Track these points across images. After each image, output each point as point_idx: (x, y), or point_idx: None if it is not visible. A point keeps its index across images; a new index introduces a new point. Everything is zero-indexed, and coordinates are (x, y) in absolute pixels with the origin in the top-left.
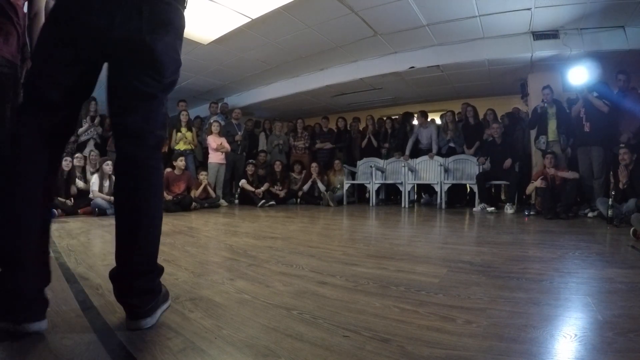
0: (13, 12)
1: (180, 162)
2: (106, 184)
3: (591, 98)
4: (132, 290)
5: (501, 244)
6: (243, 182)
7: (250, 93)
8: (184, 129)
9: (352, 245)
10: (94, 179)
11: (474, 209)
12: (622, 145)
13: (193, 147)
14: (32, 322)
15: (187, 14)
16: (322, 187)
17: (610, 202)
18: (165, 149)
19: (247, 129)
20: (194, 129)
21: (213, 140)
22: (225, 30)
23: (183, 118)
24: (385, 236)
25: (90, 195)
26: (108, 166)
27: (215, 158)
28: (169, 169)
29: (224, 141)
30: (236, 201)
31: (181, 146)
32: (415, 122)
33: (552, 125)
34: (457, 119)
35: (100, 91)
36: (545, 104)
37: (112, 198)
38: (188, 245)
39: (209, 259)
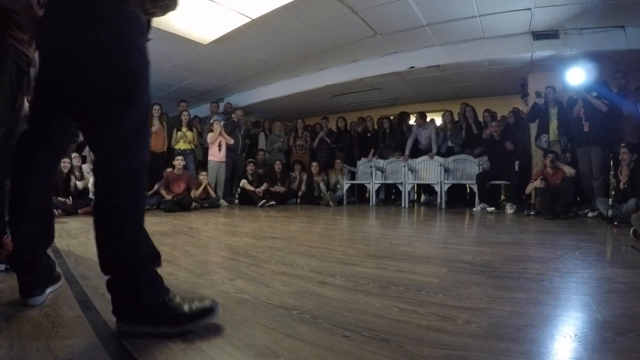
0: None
1: (177, 162)
2: None
3: (590, 98)
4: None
5: (501, 244)
6: (244, 182)
7: (250, 93)
8: (184, 129)
9: (352, 245)
10: (92, 180)
11: (474, 209)
12: (622, 145)
13: (193, 147)
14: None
15: (188, 14)
16: (322, 187)
17: (610, 202)
18: (165, 148)
19: (247, 129)
20: (194, 128)
21: (210, 137)
22: (225, 30)
23: (184, 118)
24: (385, 236)
25: (90, 195)
26: None
27: (215, 157)
28: (169, 169)
29: (224, 134)
30: (236, 201)
31: (181, 145)
32: (412, 121)
33: (553, 126)
34: (456, 119)
35: None
36: (544, 96)
37: None
38: (188, 245)
39: (209, 259)
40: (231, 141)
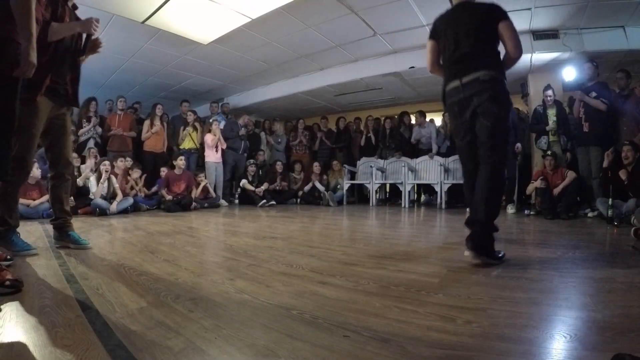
0: None
1: (180, 162)
2: (105, 184)
3: (587, 99)
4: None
5: (501, 244)
6: (244, 182)
7: (250, 93)
8: (189, 129)
9: (352, 245)
10: (92, 180)
11: None
12: (625, 142)
13: (198, 147)
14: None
15: (188, 14)
16: (321, 188)
17: (610, 202)
18: (164, 149)
19: (248, 130)
20: (198, 128)
21: (211, 139)
22: (225, 30)
23: (189, 118)
24: (385, 236)
25: (91, 196)
26: (105, 166)
27: (211, 157)
28: (168, 169)
29: (220, 138)
30: (236, 201)
31: (186, 145)
32: (412, 121)
33: (552, 125)
34: None
35: (100, 91)
36: (549, 102)
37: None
38: (188, 245)
39: (209, 259)
40: (224, 145)
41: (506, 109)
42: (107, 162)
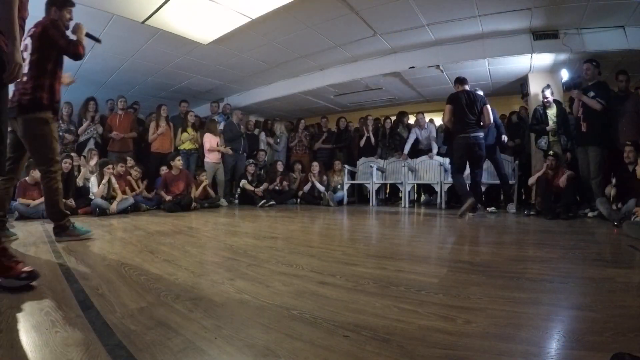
0: None
1: (177, 162)
2: (106, 186)
3: (584, 98)
4: None
5: (501, 244)
6: (244, 182)
7: (250, 93)
8: (190, 129)
9: (352, 245)
10: (93, 180)
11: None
12: (628, 142)
13: (197, 147)
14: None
15: (188, 14)
16: (320, 188)
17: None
18: (172, 149)
19: (249, 130)
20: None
21: (208, 141)
22: (225, 30)
23: (190, 118)
24: (385, 236)
25: (91, 196)
26: (110, 170)
27: (211, 157)
28: (166, 170)
29: (219, 141)
30: (236, 201)
31: (187, 146)
32: (411, 121)
33: (553, 126)
34: None
35: (100, 91)
36: (548, 103)
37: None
38: (188, 245)
39: (209, 259)
40: (230, 152)
41: (484, 151)
42: (111, 166)
